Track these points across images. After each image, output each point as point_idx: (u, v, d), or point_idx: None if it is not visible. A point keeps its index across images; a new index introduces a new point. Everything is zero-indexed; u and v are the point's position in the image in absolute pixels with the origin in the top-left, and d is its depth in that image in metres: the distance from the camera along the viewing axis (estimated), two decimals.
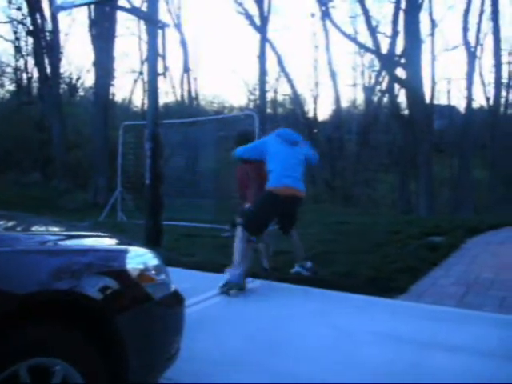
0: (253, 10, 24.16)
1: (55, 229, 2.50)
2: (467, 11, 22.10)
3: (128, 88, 45.78)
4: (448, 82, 34.96)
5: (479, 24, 22.54)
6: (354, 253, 6.45)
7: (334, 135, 23.76)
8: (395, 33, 20.91)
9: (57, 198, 15.72)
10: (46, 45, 19.20)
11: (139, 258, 2.22)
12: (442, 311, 4.14)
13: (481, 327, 3.68)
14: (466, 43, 22.26)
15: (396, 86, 22.03)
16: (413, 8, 17.39)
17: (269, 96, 26.92)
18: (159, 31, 6.71)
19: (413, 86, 17.38)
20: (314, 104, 27.02)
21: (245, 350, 3.17)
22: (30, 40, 20.92)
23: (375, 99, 26.40)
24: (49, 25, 19.43)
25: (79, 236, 2.31)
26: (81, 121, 21.23)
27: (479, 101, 38.02)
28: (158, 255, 2.38)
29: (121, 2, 7.30)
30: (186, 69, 25.98)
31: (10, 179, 17.43)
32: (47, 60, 19.12)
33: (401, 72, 19.54)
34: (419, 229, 8.35)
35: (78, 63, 49.24)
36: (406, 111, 20.69)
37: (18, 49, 22.86)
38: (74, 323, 1.88)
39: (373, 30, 21.32)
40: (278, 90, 28.55)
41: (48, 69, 19.11)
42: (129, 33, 37.45)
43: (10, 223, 2.40)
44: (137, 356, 2.02)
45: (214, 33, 51.18)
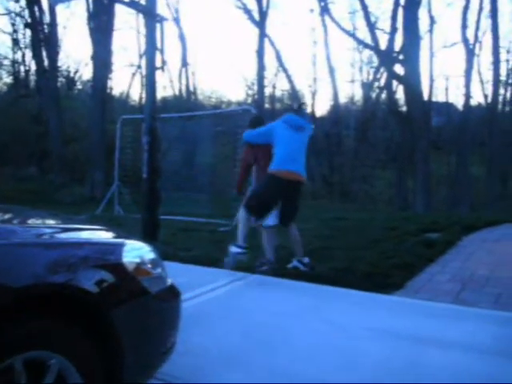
0: (251, 5, 24.17)
1: (51, 222, 2.49)
2: (466, 8, 22.13)
3: (126, 82, 45.96)
4: (446, 79, 35.08)
5: (478, 21, 22.58)
6: (351, 249, 6.46)
7: (332, 131, 23.76)
8: (394, 29, 20.90)
9: (53, 192, 15.70)
10: (44, 37, 19.13)
11: (136, 252, 2.21)
12: (438, 307, 4.15)
13: (476, 324, 3.70)
14: (465, 40, 22.28)
15: (394, 83, 22.04)
16: (412, 4, 17.36)
17: (267, 91, 26.95)
18: (157, 25, 6.71)
19: (411, 83, 17.37)
20: (312, 100, 27.05)
21: (241, 345, 3.17)
22: (28, 32, 20.90)
23: (373, 95, 26.43)
24: (47, 17, 19.42)
25: (75, 229, 2.30)
26: (78, 114, 21.20)
27: (477, 98, 38.15)
28: (155, 249, 2.38)
29: None
30: (184, 63, 26.00)
31: (7, 173, 17.37)
32: (45, 53, 19.05)
33: (399, 68, 19.53)
34: (416, 225, 8.36)
35: (76, 56, 49.36)
36: (404, 108, 20.69)
37: (16, 41, 22.85)
38: (70, 317, 1.87)
39: (371, 26, 21.30)
40: (277, 86, 28.59)
41: (46, 62, 19.06)
42: (127, 26, 37.62)
43: (6, 216, 2.39)
44: (132, 349, 2.02)
45: (213, 27, 51.12)
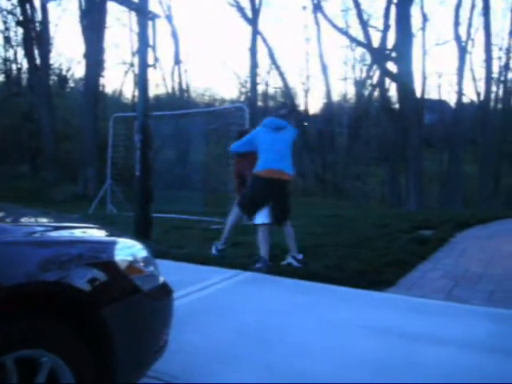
0: (244, 2, 24.17)
1: (43, 220, 2.48)
2: (459, 6, 22.23)
3: (118, 80, 45.73)
4: (439, 77, 35.31)
5: (470, 19, 22.71)
6: (344, 246, 6.47)
7: (325, 129, 23.82)
8: (386, 27, 20.97)
9: (46, 190, 15.64)
10: (36, 35, 19.03)
11: (128, 250, 2.20)
12: (431, 304, 4.17)
13: (469, 320, 3.71)
14: (457, 38, 22.37)
15: (387, 80, 22.13)
16: (404, 2, 17.40)
17: (260, 89, 27.01)
18: (150, 22, 6.68)
19: (403, 81, 17.42)
20: (305, 97, 27.10)
21: (233, 342, 3.17)
22: (20, 30, 20.80)
23: (366, 93, 26.50)
24: (39, 15, 19.31)
25: (68, 227, 2.29)
26: (71, 112, 21.12)
27: (470, 96, 38.34)
28: (147, 247, 2.37)
29: None
30: (177, 61, 25.94)
31: None
32: (37, 51, 18.95)
33: (392, 66, 19.60)
34: (409, 223, 8.39)
35: (68, 54, 49.05)
36: (397, 105, 20.75)
37: (8, 39, 22.73)
38: (63, 315, 1.86)
39: (364, 24, 21.35)
40: (270, 83, 28.61)
41: (38, 59, 18.95)
42: (120, 24, 37.35)
43: None
44: (125, 348, 2.01)
45: (206, 25, 51.04)
